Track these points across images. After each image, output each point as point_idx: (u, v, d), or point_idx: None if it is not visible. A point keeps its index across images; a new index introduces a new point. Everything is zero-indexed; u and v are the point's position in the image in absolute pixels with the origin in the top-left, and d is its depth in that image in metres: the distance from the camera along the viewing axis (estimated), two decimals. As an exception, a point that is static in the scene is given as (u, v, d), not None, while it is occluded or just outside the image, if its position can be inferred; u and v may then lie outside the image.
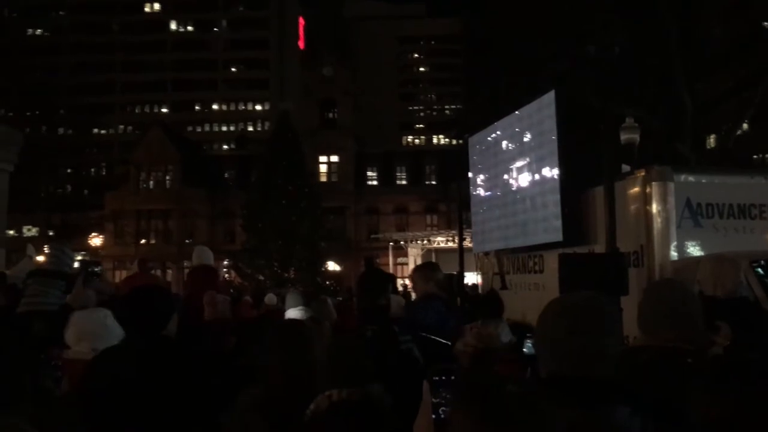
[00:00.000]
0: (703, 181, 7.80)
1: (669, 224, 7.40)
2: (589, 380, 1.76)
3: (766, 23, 21.80)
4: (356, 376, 2.72)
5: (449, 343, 5.20)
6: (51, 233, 53.71)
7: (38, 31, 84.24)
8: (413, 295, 6.19)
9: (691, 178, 7.74)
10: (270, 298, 9.62)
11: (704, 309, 3.34)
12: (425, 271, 5.48)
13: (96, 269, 6.69)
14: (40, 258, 10.94)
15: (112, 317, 3.56)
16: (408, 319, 5.11)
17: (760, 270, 6.35)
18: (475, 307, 11.88)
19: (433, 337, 4.60)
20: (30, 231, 55.01)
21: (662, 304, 2.47)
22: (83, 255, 44.78)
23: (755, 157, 25.01)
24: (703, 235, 7.41)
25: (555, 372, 1.81)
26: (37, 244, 15.00)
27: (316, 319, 5.80)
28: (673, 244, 7.38)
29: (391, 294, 7.44)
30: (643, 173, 7.70)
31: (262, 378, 2.95)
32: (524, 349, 4.21)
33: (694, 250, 7.38)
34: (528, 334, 4.88)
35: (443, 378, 2.54)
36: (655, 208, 7.44)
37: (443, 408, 2.39)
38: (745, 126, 22.06)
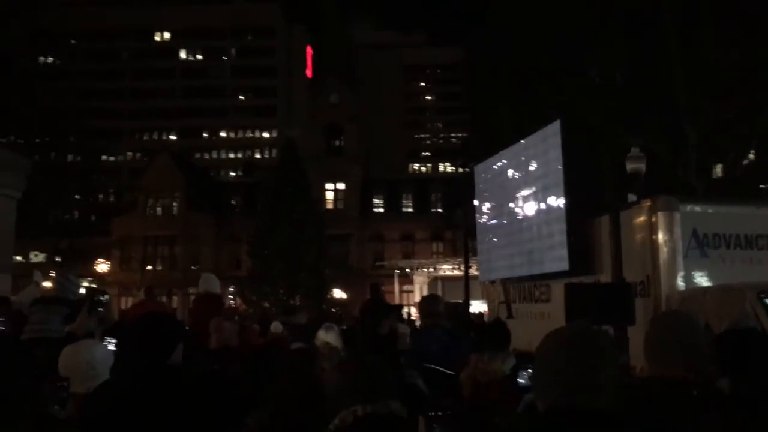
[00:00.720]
0: (710, 211, 7.81)
1: (675, 254, 7.39)
2: (588, 413, 1.76)
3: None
4: (380, 393, 2.85)
5: (452, 373, 5.19)
6: (58, 259, 53.76)
7: (49, 59, 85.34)
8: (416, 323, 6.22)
9: (697, 208, 7.75)
10: (275, 326, 9.58)
11: (713, 343, 3.33)
12: (427, 303, 5.50)
13: (102, 298, 6.68)
14: (47, 284, 10.94)
15: (102, 350, 3.53)
16: (413, 350, 5.11)
17: (767, 301, 6.32)
18: (480, 335, 11.84)
19: (436, 367, 4.59)
20: (37, 257, 55.10)
21: (668, 335, 2.47)
22: (89, 281, 44.84)
23: (762, 186, 24.92)
24: (710, 265, 7.39)
25: (554, 404, 1.80)
26: (44, 269, 15.02)
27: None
28: (680, 275, 7.36)
29: (398, 323, 7.43)
30: (649, 203, 7.71)
31: (270, 403, 2.96)
32: (519, 380, 4.16)
33: (702, 281, 7.35)
34: (524, 365, 4.84)
35: (438, 414, 2.55)
36: (661, 238, 7.43)
37: None
38: (751, 155, 22.03)
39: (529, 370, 4.34)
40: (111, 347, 4.36)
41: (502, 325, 5.50)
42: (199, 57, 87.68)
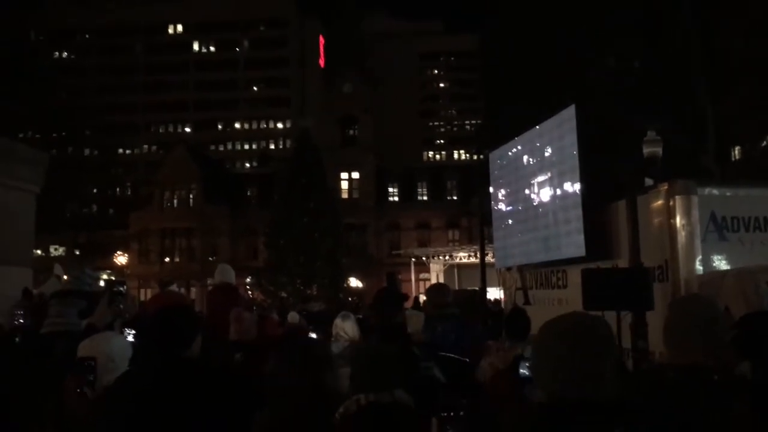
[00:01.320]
0: (728, 194, 7.72)
1: (693, 238, 7.32)
2: (590, 403, 1.75)
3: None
4: (384, 382, 2.86)
5: (467, 360, 5.19)
6: (77, 252, 54.37)
7: (64, 54, 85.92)
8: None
9: (715, 192, 7.66)
10: (292, 316, 9.63)
11: (733, 328, 3.30)
12: (435, 293, 5.51)
13: (121, 288, 6.74)
14: (66, 277, 11.06)
15: (120, 342, 3.54)
16: (428, 341, 5.13)
17: (787, 283, 6.25)
18: (496, 322, 11.82)
19: (450, 355, 4.60)
20: (57, 251, 55.73)
21: (688, 321, 2.44)
22: (108, 274, 45.32)
23: (781, 168, 24.67)
24: (729, 248, 7.32)
25: (555, 395, 1.79)
26: (63, 263, 15.17)
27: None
28: (698, 258, 7.30)
29: (412, 310, 7.44)
30: (666, 187, 7.63)
31: (277, 399, 2.98)
32: (521, 370, 4.13)
33: (720, 264, 7.28)
34: (523, 356, 4.82)
35: (451, 414, 2.55)
36: (679, 221, 7.36)
37: None
38: (770, 137, 21.79)
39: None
40: (130, 338, 4.40)
41: (522, 313, 5.48)
42: (212, 49, 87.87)
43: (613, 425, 1.74)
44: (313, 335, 6.60)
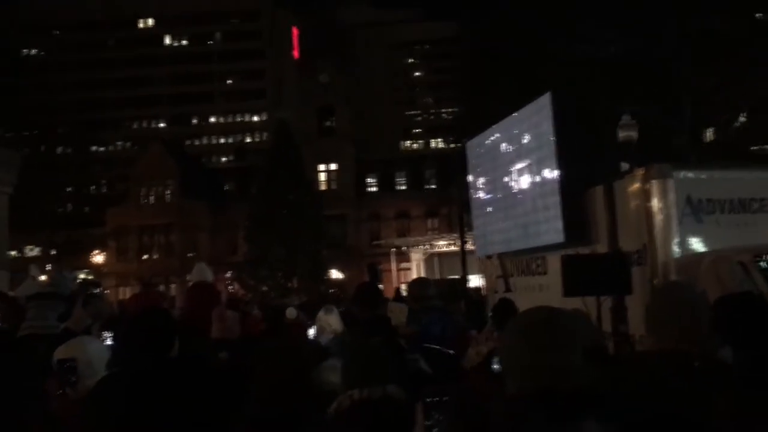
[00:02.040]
0: (703, 177, 7.80)
1: (670, 221, 7.38)
2: (557, 394, 1.76)
3: (759, 15, 21.82)
4: (376, 377, 2.88)
5: (451, 351, 5.21)
6: (53, 252, 53.72)
7: (33, 51, 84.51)
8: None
9: (690, 175, 7.73)
10: (290, 311, 9.59)
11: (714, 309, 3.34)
12: (418, 287, 5.52)
13: (95, 290, 6.66)
14: (43, 277, 10.92)
15: (96, 346, 3.50)
16: (413, 334, 5.15)
17: (763, 264, 6.34)
18: (478, 310, 11.88)
19: (435, 347, 4.61)
20: (32, 251, 55.01)
21: (670, 307, 2.46)
22: (86, 273, 44.83)
23: (754, 148, 24.99)
24: (706, 230, 7.39)
25: (522, 388, 1.81)
26: (39, 263, 15.00)
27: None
28: (676, 241, 7.37)
29: (394, 302, 7.44)
30: (642, 171, 7.69)
31: (259, 394, 2.97)
32: (494, 366, 4.16)
33: (697, 247, 7.36)
34: (494, 352, 4.85)
35: (436, 400, 2.56)
36: (656, 205, 7.42)
37: (436, 430, 2.42)
38: (742, 118, 22.05)
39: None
40: (108, 342, 4.35)
41: (509, 304, 5.50)
42: (184, 43, 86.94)
43: (584, 414, 1.74)
44: (312, 330, 6.59)
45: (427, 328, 5.16)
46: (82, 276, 39.60)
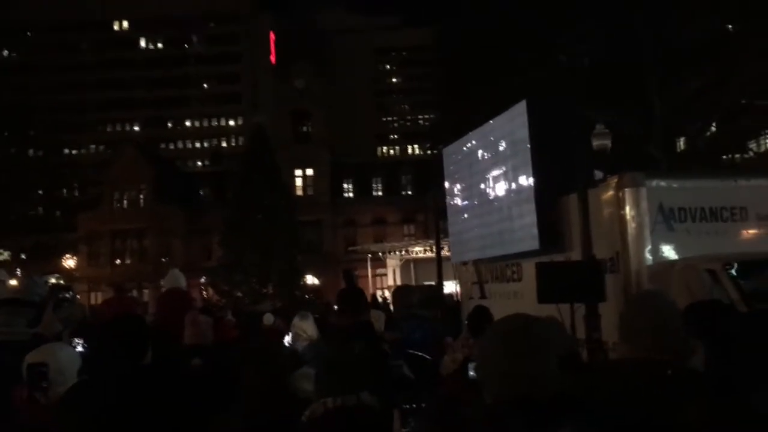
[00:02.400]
0: (675, 185, 7.91)
1: (643, 229, 7.48)
2: (531, 402, 1.78)
3: (730, 26, 22.24)
4: (350, 385, 2.90)
5: (430, 358, 5.23)
6: (23, 256, 52.80)
7: (5, 52, 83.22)
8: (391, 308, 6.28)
9: (662, 183, 7.84)
10: (268, 318, 9.53)
11: (686, 315, 3.38)
12: (402, 293, 5.53)
13: (67, 294, 6.55)
14: (13, 282, 10.73)
15: (67, 353, 3.43)
16: (397, 340, 5.17)
17: (733, 272, 6.44)
18: (453, 316, 11.91)
19: (418, 353, 4.64)
20: (1, 255, 54.04)
21: (643, 316, 2.49)
22: (57, 278, 44.12)
23: (724, 157, 25.41)
24: (677, 239, 7.50)
25: (500, 396, 1.82)
26: (9, 268, 14.73)
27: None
28: (648, 249, 7.47)
29: (373, 310, 7.45)
30: (615, 179, 7.79)
31: (238, 402, 2.97)
32: (470, 372, 4.19)
33: (669, 255, 7.46)
34: (470, 359, 4.88)
35: (413, 406, 2.57)
36: (628, 213, 7.52)
37: None
38: (713, 128, 22.43)
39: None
40: (79, 348, 4.28)
41: (484, 311, 5.52)
42: (159, 46, 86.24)
43: (558, 422, 1.76)
44: (288, 337, 6.56)
45: (408, 334, 5.18)
46: (52, 280, 38.99)
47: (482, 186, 10.64)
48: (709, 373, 2.45)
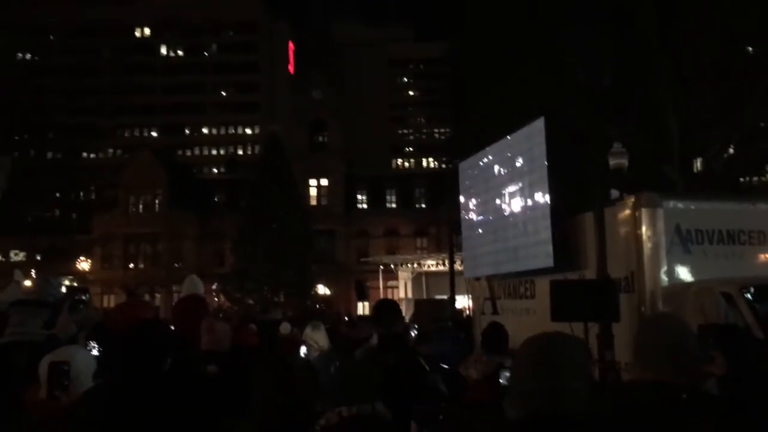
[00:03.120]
0: (692, 207, 7.86)
1: (659, 250, 7.44)
2: (560, 419, 1.78)
3: (750, 48, 22.14)
4: (365, 395, 2.92)
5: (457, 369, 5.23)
6: (38, 257, 53.24)
7: (27, 55, 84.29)
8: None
9: (680, 205, 7.80)
10: (285, 327, 9.53)
11: (699, 337, 3.35)
12: (434, 306, 5.52)
13: (83, 296, 6.55)
14: (28, 282, 10.77)
15: (84, 357, 3.43)
16: (431, 354, 5.17)
17: (749, 296, 6.38)
18: (465, 331, 11.85)
19: (448, 367, 4.63)
20: (17, 255, 54.49)
21: (658, 338, 2.47)
22: (70, 280, 44.40)
23: (742, 180, 25.21)
24: (693, 261, 7.45)
25: (528, 411, 1.83)
26: (24, 268, 14.86)
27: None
28: (663, 270, 7.42)
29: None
30: (632, 199, 7.75)
31: (252, 411, 2.97)
32: (500, 380, 4.18)
33: (685, 276, 7.41)
34: (505, 365, 4.85)
35: (430, 417, 2.58)
36: (644, 234, 7.48)
37: None
38: (731, 149, 22.28)
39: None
40: (94, 352, 4.29)
41: (499, 327, 5.49)
42: (180, 53, 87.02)
43: None
44: (303, 348, 6.56)
45: (441, 347, 5.17)
46: (66, 282, 39.25)
47: (498, 201, 10.62)
48: (724, 397, 2.42)
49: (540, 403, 1.81)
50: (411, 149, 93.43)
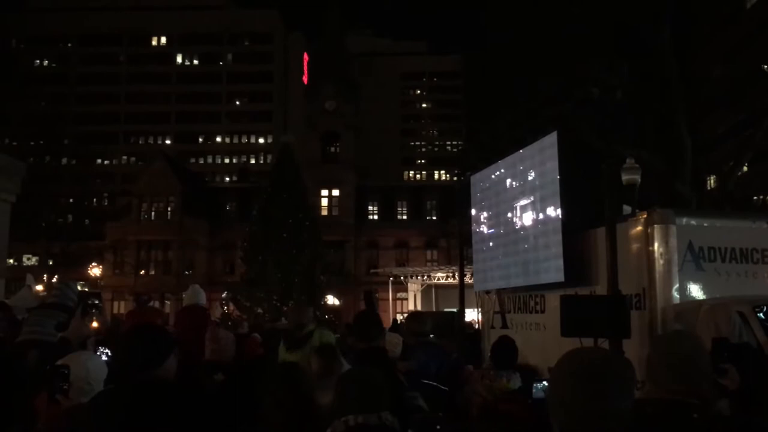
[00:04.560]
0: (705, 224, 7.81)
1: (671, 267, 7.38)
2: None
3: (765, 66, 22.06)
4: (372, 404, 2.91)
5: (446, 388, 5.19)
6: (51, 263, 53.59)
7: (45, 62, 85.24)
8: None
9: (693, 222, 7.74)
10: None
11: (713, 349, 3.32)
12: (415, 322, 5.50)
13: (96, 302, 6.60)
14: (39, 287, 10.87)
15: (95, 362, 3.44)
16: (411, 369, 5.12)
17: (762, 315, 6.32)
18: (472, 344, 11.80)
19: (432, 383, 4.60)
20: (30, 260, 54.90)
21: (671, 357, 2.44)
22: (82, 285, 44.63)
23: (755, 198, 25.06)
24: (706, 278, 7.39)
25: (568, 429, 1.80)
26: (36, 273, 14.96)
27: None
28: (675, 287, 7.36)
29: (390, 333, 7.43)
30: (645, 215, 7.70)
31: (262, 417, 2.97)
32: (534, 394, 4.17)
33: (697, 294, 7.35)
34: (537, 378, 4.84)
35: (428, 428, 2.56)
36: (657, 250, 7.43)
37: None
38: (744, 167, 22.17)
39: (544, 383, 4.35)
40: (104, 357, 4.32)
41: (509, 342, 5.45)
42: (195, 62, 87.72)
43: None
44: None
45: (424, 363, 5.13)
46: (78, 287, 39.40)
47: (509, 215, 10.60)
48: (736, 418, 2.40)
49: (587, 426, 1.79)
50: (422, 161, 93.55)
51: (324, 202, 48.34)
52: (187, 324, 6.00)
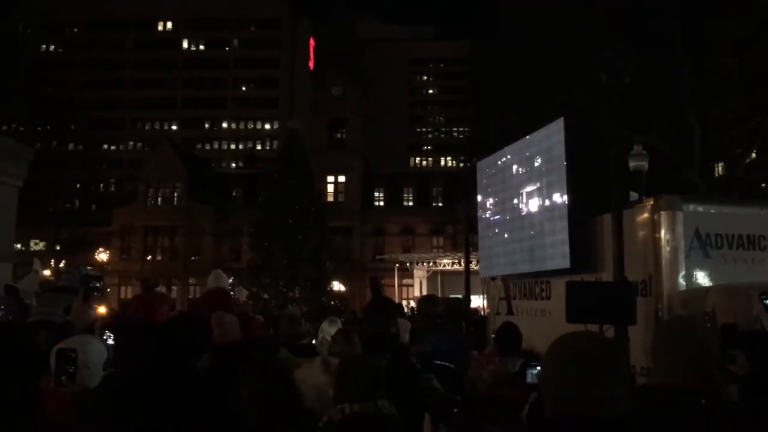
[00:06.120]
0: (712, 211, 7.76)
1: (678, 254, 7.34)
2: (593, 423, 1.75)
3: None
4: (369, 392, 2.91)
5: (452, 366, 5.21)
6: (58, 248, 53.86)
7: (51, 47, 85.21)
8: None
9: (700, 208, 7.69)
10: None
11: (722, 337, 3.30)
12: (427, 304, 5.49)
13: (98, 284, 6.59)
14: (47, 272, 10.94)
15: (96, 347, 3.43)
16: (424, 352, 5.14)
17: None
18: (477, 330, 11.82)
19: (445, 363, 4.62)
20: (37, 245, 55.16)
21: (678, 343, 2.41)
22: (90, 270, 44.84)
23: (763, 185, 24.91)
24: (712, 265, 7.35)
25: (560, 413, 1.80)
26: (44, 258, 15.04)
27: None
28: (682, 274, 7.32)
29: (399, 318, 7.44)
30: (652, 202, 7.66)
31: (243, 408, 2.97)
32: (528, 379, 4.17)
33: (703, 281, 7.32)
34: (532, 363, 4.84)
35: (443, 411, 2.56)
36: (663, 237, 7.39)
37: None
38: (753, 154, 22.01)
39: (538, 368, 4.35)
40: (109, 341, 4.33)
41: (513, 328, 5.45)
42: (201, 47, 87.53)
43: None
44: (314, 341, 6.56)
45: (436, 346, 5.15)
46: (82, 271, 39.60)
47: (515, 201, 10.56)
48: (745, 404, 2.38)
49: (581, 409, 1.78)
50: (429, 148, 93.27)
51: (330, 188, 48.36)
52: (211, 309, 6.03)
